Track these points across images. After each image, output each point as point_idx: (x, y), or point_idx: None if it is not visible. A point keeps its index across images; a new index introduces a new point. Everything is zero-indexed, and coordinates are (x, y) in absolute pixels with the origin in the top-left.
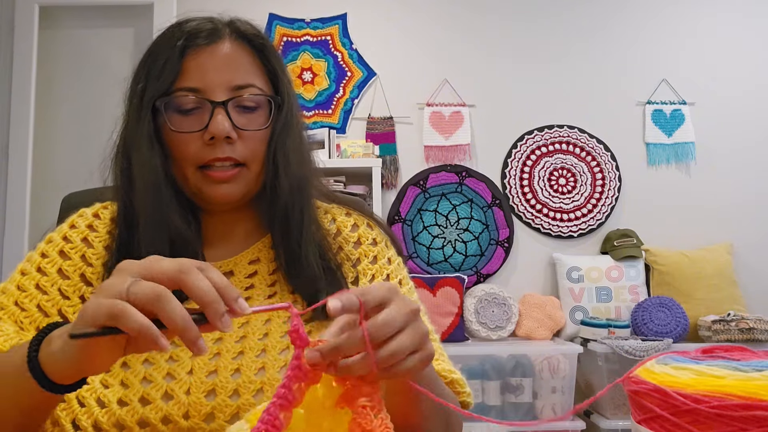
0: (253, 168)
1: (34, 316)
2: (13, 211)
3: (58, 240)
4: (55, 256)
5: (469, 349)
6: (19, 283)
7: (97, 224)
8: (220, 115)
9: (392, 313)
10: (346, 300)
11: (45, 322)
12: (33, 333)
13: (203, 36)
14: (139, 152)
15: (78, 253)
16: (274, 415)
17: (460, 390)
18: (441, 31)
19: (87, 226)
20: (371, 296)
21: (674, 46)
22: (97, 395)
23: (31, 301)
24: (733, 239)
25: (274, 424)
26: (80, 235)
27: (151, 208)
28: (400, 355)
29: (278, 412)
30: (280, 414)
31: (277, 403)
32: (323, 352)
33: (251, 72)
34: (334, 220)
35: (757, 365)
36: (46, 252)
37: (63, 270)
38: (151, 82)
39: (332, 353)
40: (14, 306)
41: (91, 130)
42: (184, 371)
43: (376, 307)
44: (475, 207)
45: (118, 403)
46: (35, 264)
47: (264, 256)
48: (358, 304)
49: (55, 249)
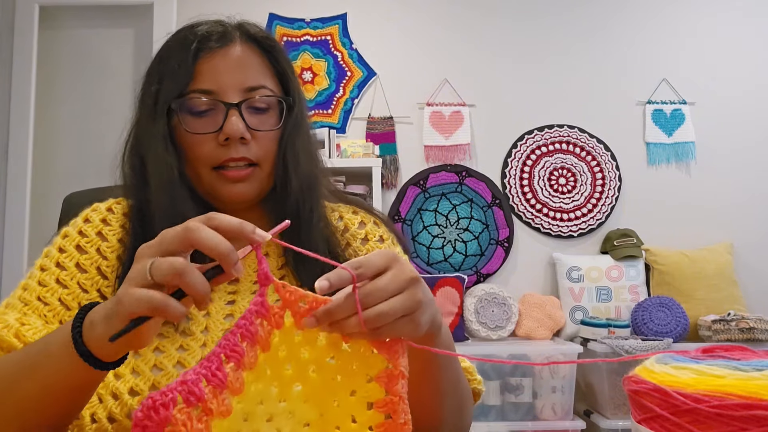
0: (265, 167)
1: (56, 310)
2: (13, 211)
3: (74, 234)
4: (72, 250)
5: (469, 349)
6: (39, 278)
7: (110, 218)
8: (234, 117)
9: (385, 280)
10: (334, 278)
11: (67, 315)
12: (57, 326)
13: (215, 39)
14: (154, 152)
15: (93, 247)
16: (233, 342)
17: (471, 377)
18: (441, 31)
19: (101, 220)
20: (368, 267)
21: (674, 46)
22: (110, 389)
23: (53, 296)
24: (733, 239)
25: (234, 349)
26: (95, 229)
27: (167, 203)
28: (387, 318)
29: (237, 340)
30: (242, 343)
31: (236, 332)
32: (317, 315)
33: (262, 73)
34: (342, 217)
35: (758, 365)
36: (64, 247)
37: (80, 264)
38: (165, 84)
39: (325, 317)
40: (37, 301)
41: (91, 130)
42: (194, 359)
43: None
44: (475, 207)
45: (129, 393)
46: (54, 259)
47: (273, 251)
48: (350, 279)
49: (72, 244)
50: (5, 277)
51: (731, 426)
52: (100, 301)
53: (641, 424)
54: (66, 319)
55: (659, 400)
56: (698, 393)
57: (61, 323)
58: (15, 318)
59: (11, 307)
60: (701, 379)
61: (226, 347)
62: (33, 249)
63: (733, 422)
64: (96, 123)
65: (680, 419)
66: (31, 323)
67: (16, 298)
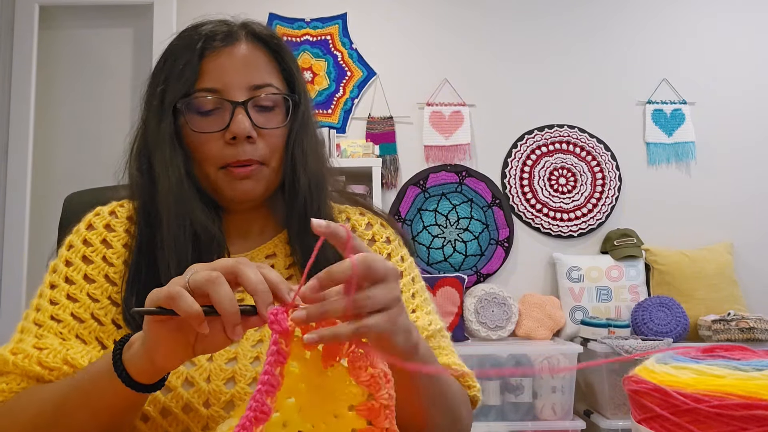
0: (272, 165)
1: (71, 325)
2: (13, 211)
3: (79, 245)
4: (79, 262)
5: (469, 349)
6: (51, 297)
7: (114, 223)
8: (240, 115)
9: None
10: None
11: (81, 328)
12: (74, 341)
13: (220, 38)
14: (162, 153)
15: (99, 256)
16: (261, 402)
17: (470, 384)
18: (441, 30)
19: (104, 226)
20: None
21: (674, 46)
22: None
23: (65, 312)
24: (733, 239)
25: (262, 410)
26: (99, 237)
27: (175, 205)
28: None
29: (264, 399)
30: (267, 399)
31: (262, 390)
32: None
33: (268, 72)
34: (349, 219)
35: (758, 365)
36: (70, 259)
37: (88, 275)
38: (171, 84)
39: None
40: (51, 320)
41: (91, 129)
42: (204, 358)
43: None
44: (475, 207)
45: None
46: (62, 275)
47: (280, 250)
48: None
49: (78, 255)
50: (5, 277)
51: (731, 426)
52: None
53: (641, 424)
54: (81, 332)
55: (659, 400)
56: (698, 393)
57: (77, 337)
58: (32, 344)
59: (27, 332)
60: (701, 379)
61: (256, 409)
62: (33, 249)
63: (733, 422)
64: (96, 123)
65: (680, 419)
66: (48, 345)
67: (30, 321)
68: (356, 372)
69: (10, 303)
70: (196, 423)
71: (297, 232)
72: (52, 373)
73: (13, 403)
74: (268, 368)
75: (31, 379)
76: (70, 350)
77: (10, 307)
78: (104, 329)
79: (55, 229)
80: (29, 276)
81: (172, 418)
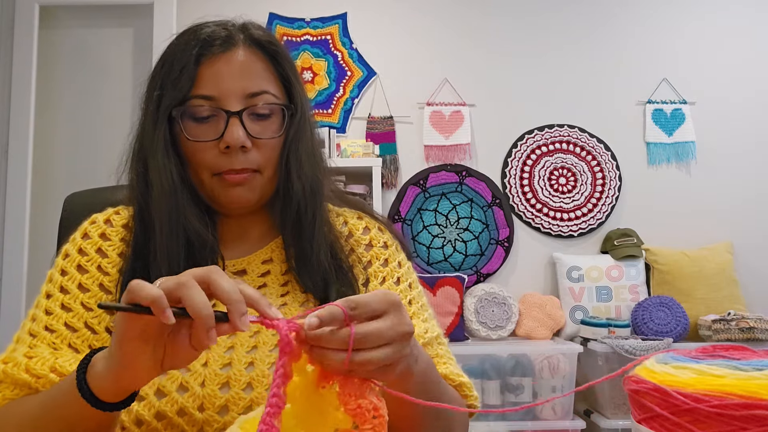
0: (266, 173)
1: (64, 335)
2: (13, 211)
3: (75, 254)
4: (74, 272)
5: (469, 349)
6: (46, 307)
7: (109, 232)
8: (234, 126)
9: (384, 327)
10: (326, 315)
11: (74, 337)
12: (66, 350)
13: (218, 44)
14: (155, 158)
15: (94, 265)
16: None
17: (467, 393)
18: (441, 30)
19: (100, 235)
20: (364, 309)
21: (674, 45)
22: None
23: (59, 322)
24: (733, 239)
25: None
26: (94, 247)
27: (169, 211)
28: (372, 365)
29: (273, 420)
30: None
31: (271, 413)
32: (308, 335)
33: (265, 79)
34: (346, 223)
35: (758, 364)
36: (65, 269)
37: (83, 284)
38: (168, 90)
39: (314, 340)
40: (45, 331)
41: (91, 130)
42: (199, 363)
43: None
44: (475, 206)
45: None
46: (57, 284)
47: (277, 256)
48: (342, 315)
49: (73, 265)
50: (5, 277)
51: (731, 426)
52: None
53: (641, 423)
54: (74, 341)
55: (659, 399)
56: (698, 393)
57: (70, 346)
58: (23, 353)
59: (21, 342)
60: (701, 378)
61: None
62: (33, 249)
63: (733, 422)
64: (96, 123)
65: (680, 419)
66: (38, 354)
67: (26, 331)
68: (345, 399)
69: (10, 303)
70: (191, 427)
71: (292, 236)
72: (39, 381)
73: (4, 412)
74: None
75: (22, 388)
76: (60, 359)
77: (10, 307)
78: (98, 337)
79: (55, 229)
80: (29, 276)
81: (167, 422)
